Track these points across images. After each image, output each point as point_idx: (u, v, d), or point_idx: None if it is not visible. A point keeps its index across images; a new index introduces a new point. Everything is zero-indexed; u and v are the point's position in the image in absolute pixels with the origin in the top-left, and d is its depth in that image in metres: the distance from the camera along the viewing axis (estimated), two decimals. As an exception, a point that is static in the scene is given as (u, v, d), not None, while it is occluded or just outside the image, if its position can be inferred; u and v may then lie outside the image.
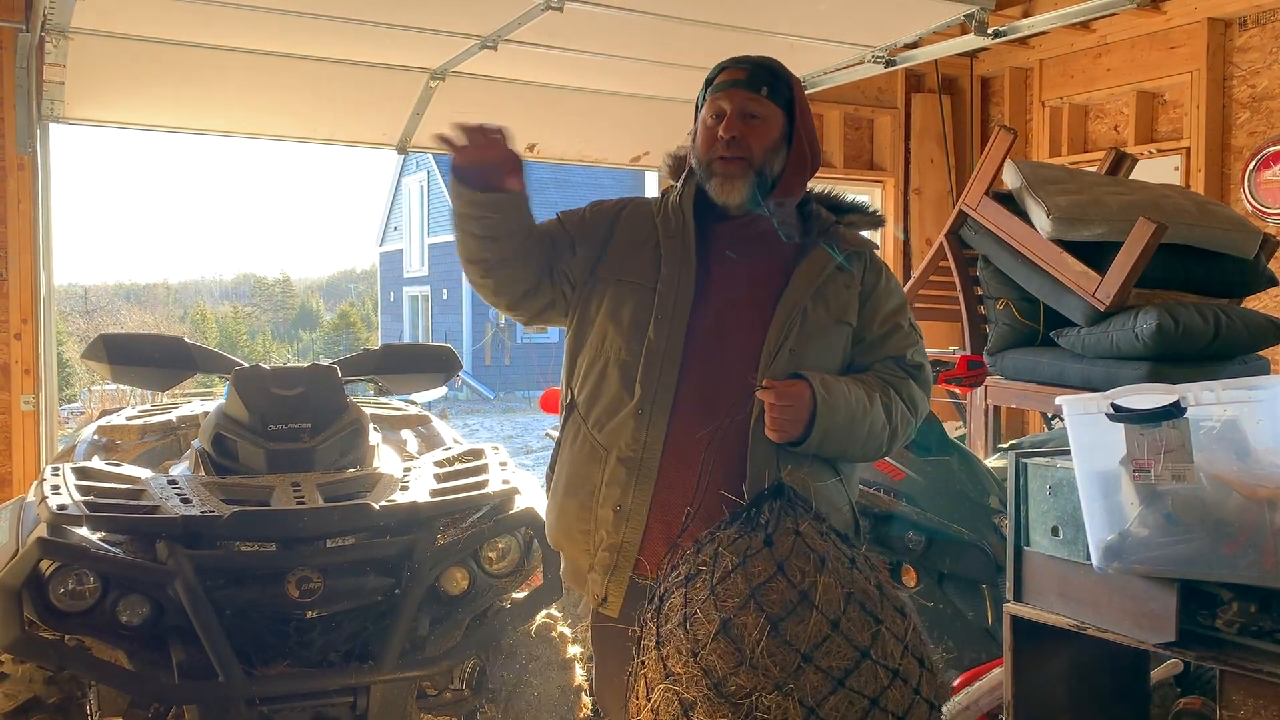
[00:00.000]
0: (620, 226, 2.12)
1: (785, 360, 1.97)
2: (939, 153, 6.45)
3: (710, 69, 2.10)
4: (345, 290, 39.94)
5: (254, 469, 2.85)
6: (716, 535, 1.75)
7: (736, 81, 2.03)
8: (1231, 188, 5.19)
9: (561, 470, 2.10)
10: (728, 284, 2.04)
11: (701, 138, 2.06)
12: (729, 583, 1.65)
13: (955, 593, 3.01)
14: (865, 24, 4.12)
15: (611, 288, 2.07)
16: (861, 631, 1.62)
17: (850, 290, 2.06)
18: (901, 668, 1.64)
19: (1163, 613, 1.97)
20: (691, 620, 1.65)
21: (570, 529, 2.06)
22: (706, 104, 2.06)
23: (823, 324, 2.02)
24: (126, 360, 3.15)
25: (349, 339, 28.09)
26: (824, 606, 1.61)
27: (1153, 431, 1.90)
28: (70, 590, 2.42)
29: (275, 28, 3.86)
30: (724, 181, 2.02)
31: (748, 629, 1.60)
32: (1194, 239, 3.48)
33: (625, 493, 1.97)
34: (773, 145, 2.02)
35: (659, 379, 1.97)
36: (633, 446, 1.97)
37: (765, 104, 2.02)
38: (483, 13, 3.80)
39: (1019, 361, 3.71)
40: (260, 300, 35.64)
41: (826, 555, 1.67)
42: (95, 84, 4.22)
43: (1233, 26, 5.25)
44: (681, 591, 1.70)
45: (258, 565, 2.51)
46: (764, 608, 1.61)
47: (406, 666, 2.51)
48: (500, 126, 1.94)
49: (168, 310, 31.75)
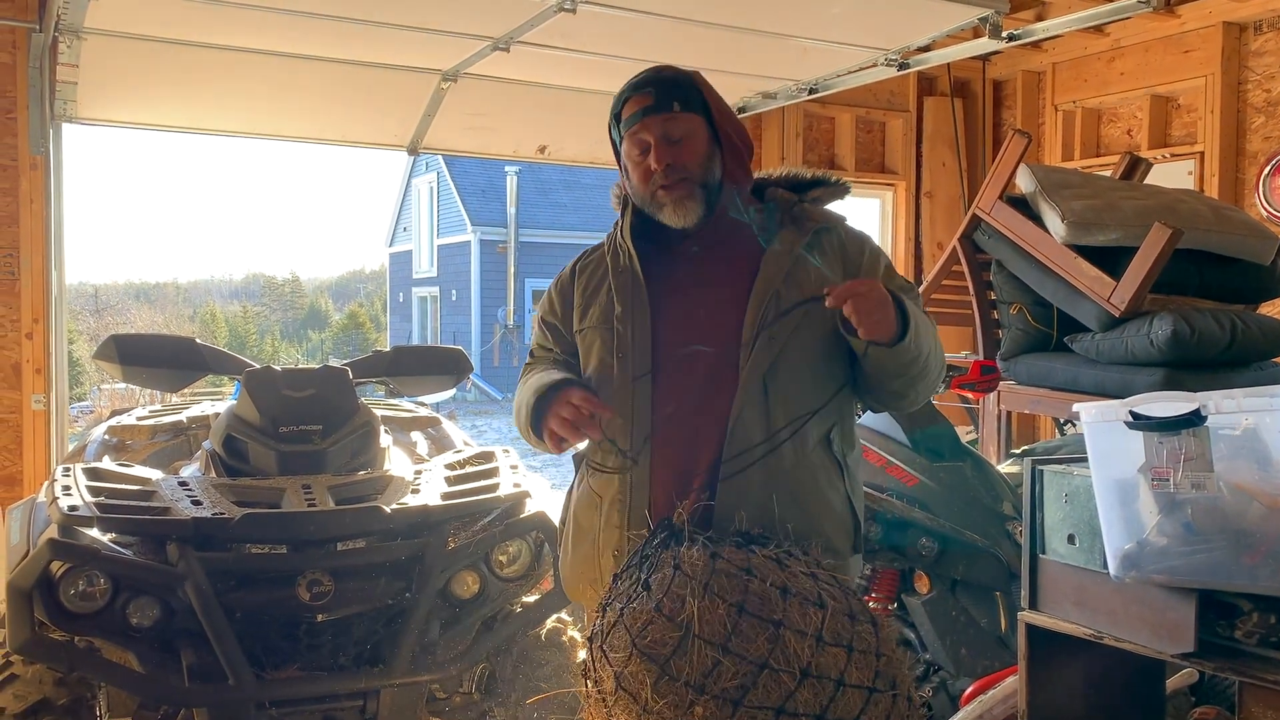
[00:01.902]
0: (577, 282, 2.13)
1: (765, 347, 1.93)
2: (951, 156, 6.43)
3: (614, 102, 2.04)
4: (354, 291, 40.05)
5: (265, 471, 2.85)
6: (611, 588, 1.78)
7: (647, 109, 1.98)
8: (1246, 192, 5.16)
9: (569, 521, 2.12)
10: (691, 300, 2.01)
11: (636, 175, 2.02)
12: (615, 635, 1.66)
13: (968, 600, 2.99)
14: (879, 27, 4.10)
15: (581, 338, 2.09)
16: (756, 643, 1.59)
17: (828, 266, 1.99)
18: (816, 663, 1.60)
19: (1181, 623, 1.94)
20: (598, 682, 1.67)
21: (580, 581, 2.09)
22: (625, 140, 2.02)
23: (801, 305, 1.96)
24: (138, 361, 3.15)
25: (358, 339, 28.17)
26: (707, 633, 1.59)
27: (1172, 439, 1.88)
28: (81, 592, 2.41)
29: (288, 29, 3.86)
30: (675, 207, 1.99)
31: (637, 678, 1.60)
32: (1210, 244, 3.44)
33: (621, 535, 1.96)
34: (705, 154, 2.00)
35: (633, 415, 1.95)
36: (621, 490, 1.97)
37: (682, 119, 1.98)
38: (495, 14, 3.80)
39: (1032, 367, 3.69)
40: (269, 300, 35.76)
41: (710, 579, 1.63)
42: (108, 84, 4.23)
43: (1248, 30, 5.22)
44: (589, 649, 1.73)
45: (268, 568, 2.51)
46: (646, 653, 1.60)
47: (417, 670, 2.50)
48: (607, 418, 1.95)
49: (177, 309, 31.86)
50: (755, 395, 1.92)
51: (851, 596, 1.72)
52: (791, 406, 1.94)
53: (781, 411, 1.93)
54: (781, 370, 1.94)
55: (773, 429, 1.92)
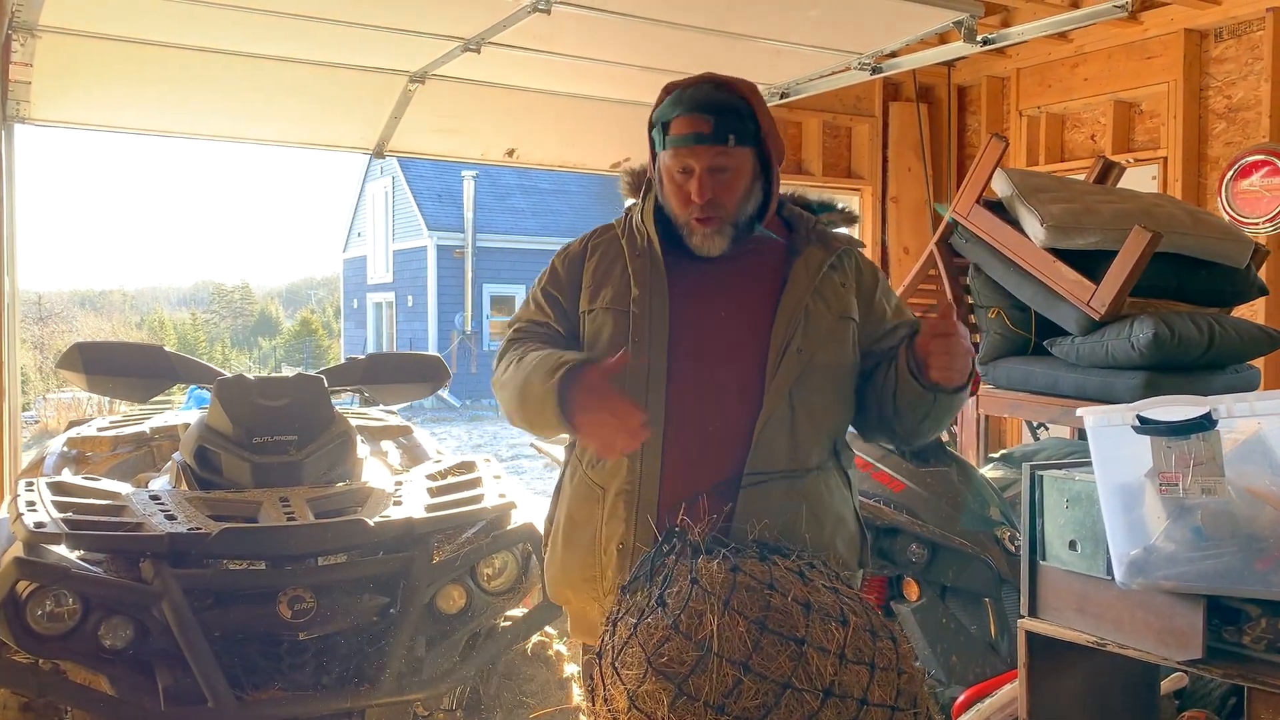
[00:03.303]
0: (589, 259, 2.06)
1: (794, 360, 1.90)
2: (916, 161, 6.46)
3: (663, 101, 1.97)
4: (305, 297, 39.58)
5: (238, 483, 2.76)
6: (621, 602, 1.71)
7: (701, 136, 1.91)
8: (1208, 198, 5.23)
9: (560, 517, 2.03)
10: (711, 296, 1.97)
11: (674, 194, 1.96)
12: (628, 652, 1.59)
13: (958, 606, 2.97)
14: (853, 31, 4.09)
15: (589, 318, 2.01)
16: (778, 661, 1.54)
17: (846, 288, 2.00)
18: (839, 681, 1.55)
19: (1188, 629, 1.93)
20: (608, 700, 1.60)
21: (574, 579, 1.98)
22: (670, 154, 1.94)
23: (828, 321, 1.95)
24: (104, 370, 3.03)
25: (310, 346, 27.80)
26: (728, 651, 1.54)
27: (1180, 444, 1.86)
28: (49, 612, 2.31)
29: (251, 28, 3.76)
30: (704, 239, 1.95)
31: (654, 697, 1.54)
32: (1187, 248, 3.47)
33: (628, 528, 1.89)
34: (746, 190, 1.95)
35: (646, 404, 1.88)
36: (628, 479, 1.89)
37: (734, 155, 1.92)
38: (467, 15, 3.73)
39: (1012, 371, 3.69)
40: (219, 307, 35.21)
41: (731, 594, 1.58)
42: (64, 84, 4.09)
43: (1209, 38, 5.29)
44: (599, 665, 1.65)
45: (247, 584, 2.42)
46: (662, 672, 1.54)
47: (404, 689, 2.42)
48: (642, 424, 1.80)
49: (124, 317, 31.24)
50: (782, 410, 1.88)
51: (871, 611, 1.68)
52: (817, 422, 1.92)
53: (808, 427, 1.91)
54: (808, 386, 1.91)
55: (799, 444, 1.89)
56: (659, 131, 1.97)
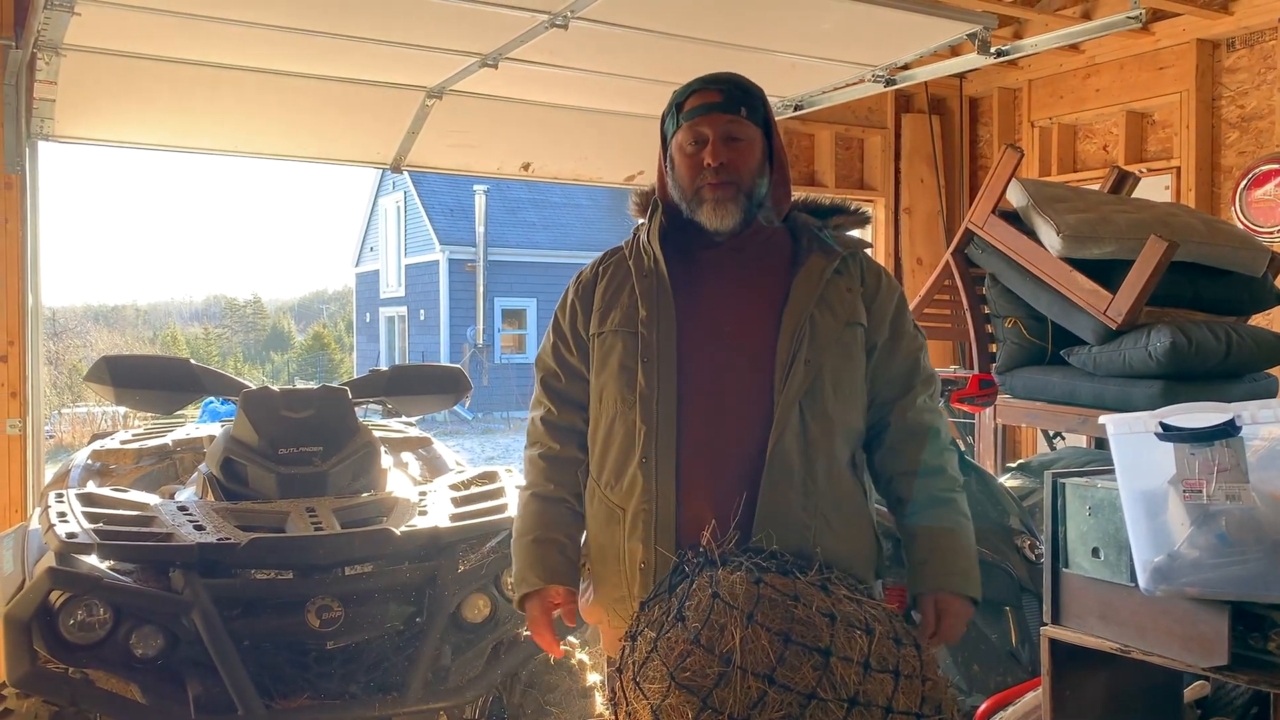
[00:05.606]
0: (599, 285, 2.07)
1: (801, 372, 1.90)
2: (929, 172, 6.48)
3: (677, 93, 2.02)
4: (317, 312, 39.70)
5: (264, 494, 2.78)
6: (640, 616, 1.72)
7: (713, 105, 1.96)
8: (1222, 207, 5.24)
9: (590, 539, 2.05)
10: (718, 311, 1.97)
11: (684, 166, 1.99)
12: (650, 666, 1.60)
13: (978, 615, 2.97)
14: (867, 43, 4.11)
15: (598, 340, 2.02)
16: (802, 672, 1.54)
17: (852, 293, 2.00)
18: (863, 691, 1.55)
19: (1213, 636, 1.94)
20: (631, 715, 1.61)
21: (608, 600, 2.00)
22: (682, 130, 1.99)
23: (834, 329, 1.95)
24: (131, 383, 3.06)
25: (323, 361, 27.89)
26: (752, 664, 1.54)
27: (1204, 451, 1.87)
28: (81, 622, 2.34)
29: (270, 45, 3.81)
30: (716, 206, 1.95)
31: (678, 710, 1.54)
32: (1203, 257, 3.48)
33: (648, 548, 1.90)
34: (758, 167, 1.98)
35: (658, 424, 1.90)
36: (644, 500, 1.90)
37: (745, 125, 1.97)
38: (484, 31, 3.76)
39: (1029, 380, 3.70)
40: (231, 321, 35.35)
41: (755, 607, 1.59)
42: (86, 101, 4.14)
43: (1221, 48, 5.31)
44: (619, 680, 1.66)
45: (276, 594, 2.44)
46: (686, 686, 1.54)
47: (431, 698, 2.44)
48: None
49: (137, 332, 31.39)
50: (794, 421, 1.89)
51: (894, 619, 1.68)
52: (830, 431, 1.92)
53: (821, 438, 1.91)
54: (818, 396, 1.92)
55: (813, 456, 1.90)
56: (672, 117, 2.01)
